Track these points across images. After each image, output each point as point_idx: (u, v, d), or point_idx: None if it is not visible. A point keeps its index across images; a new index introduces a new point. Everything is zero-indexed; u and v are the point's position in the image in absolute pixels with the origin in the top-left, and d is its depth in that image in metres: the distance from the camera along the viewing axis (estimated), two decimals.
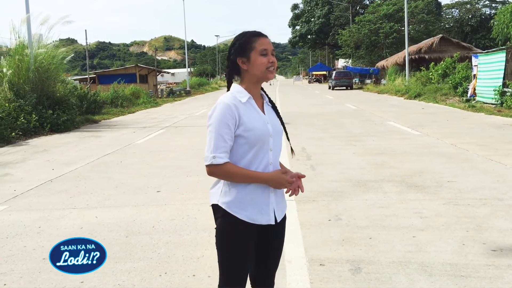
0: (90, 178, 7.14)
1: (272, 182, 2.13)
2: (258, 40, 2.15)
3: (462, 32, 53.04)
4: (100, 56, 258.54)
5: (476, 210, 4.81)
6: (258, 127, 2.12)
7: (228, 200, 2.15)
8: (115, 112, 21.09)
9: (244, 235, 2.16)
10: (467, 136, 10.06)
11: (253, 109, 2.17)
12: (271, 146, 2.16)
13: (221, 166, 2.08)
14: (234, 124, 2.09)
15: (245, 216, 2.13)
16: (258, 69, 2.14)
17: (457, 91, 20.79)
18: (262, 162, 2.14)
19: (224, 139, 2.07)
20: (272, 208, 2.17)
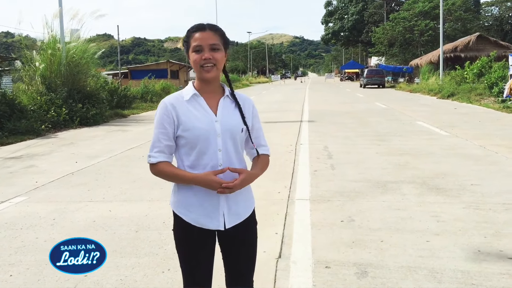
0: (111, 172, 7.23)
1: (199, 183, 1.99)
2: (193, 36, 2.02)
3: (502, 30, 51.34)
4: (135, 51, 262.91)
5: (497, 216, 4.60)
6: (198, 127, 2.01)
7: (175, 200, 2.11)
8: (145, 107, 21.36)
9: (192, 239, 2.07)
10: (498, 137, 9.70)
11: (197, 107, 2.05)
12: (220, 146, 2.02)
13: (154, 165, 2.05)
14: (172, 124, 2.03)
15: (190, 219, 2.06)
16: (193, 67, 2.04)
17: (492, 91, 20.09)
18: (208, 163, 2.02)
19: (159, 139, 2.04)
20: (221, 212, 2.06)
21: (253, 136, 2.15)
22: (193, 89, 2.08)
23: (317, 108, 18.84)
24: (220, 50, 2.02)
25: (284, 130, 11.87)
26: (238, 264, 2.18)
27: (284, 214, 4.82)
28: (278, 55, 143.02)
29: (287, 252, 3.80)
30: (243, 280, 2.20)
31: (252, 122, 2.15)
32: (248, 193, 2.17)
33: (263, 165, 2.17)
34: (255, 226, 2.21)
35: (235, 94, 2.14)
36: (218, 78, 2.09)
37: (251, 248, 2.19)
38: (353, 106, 19.59)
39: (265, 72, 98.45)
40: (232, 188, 1.99)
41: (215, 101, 2.08)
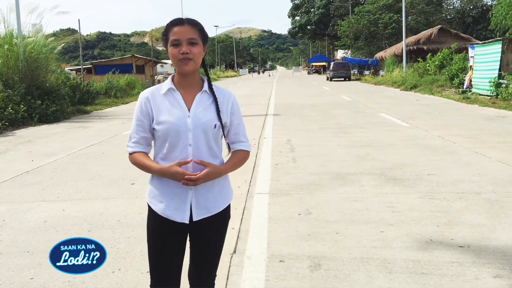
0: (67, 170, 7.03)
1: (165, 174, 2.02)
2: (172, 30, 2.02)
3: (464, 23, 52.53)
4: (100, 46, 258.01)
5: (450, 205, 4.69)
6: (168, 121, 2.02)
7: (148, 189, 2.15)
8: (109, 102, 20.95)
9: (161, 229, 2.09)
10: (457, 128, 9.92)
11: (172, 101, 2.06)
12: (190, 141, 2.02)
13: (130, 155, 2.13)
14: (147, 116, 2.07)
15: (158, 209, 2.08)
16: (172, 61, 2.03)
17: (453, 82, 20.59)
18: (178, 157, 2.02)
19: (135, 130, 2.10)
20: (189, 205, 2.05)
21: (231, 132, 2.15)
22: (170, 83, 2.08)
23: (283, 102, 18.88)
24: (198, 44, 2.01)
25: (248, 124, 11.68)
26: (202, 258, 2.18)
27: (242, 208, 4.79)
28: (246, 49, 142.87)
29: (242, 247, 3.76)
30: (205, 274, 2.21)
31: (231, 118, 2.14)
32: (222, 189, 2.14)
33: (237, 161, 2.16)
34: (226, 222, 2.21)
35: (215, 88, 2.12)
36: (196, 72, 2.08)
37: (218, 244, 2.20)
38: (319, 99, 19.72)
39: (233, 66, 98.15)
40: (195, 181, 1.97)
41: (192, 96, 2.07)
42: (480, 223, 4.14)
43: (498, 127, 9.89)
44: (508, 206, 4.57)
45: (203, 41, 2.05)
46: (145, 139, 2.10)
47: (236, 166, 2.16)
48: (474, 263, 3.33)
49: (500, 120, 11.04)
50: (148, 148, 2.14)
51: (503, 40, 16.95)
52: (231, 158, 2.16)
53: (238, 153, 2.17)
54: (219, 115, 2.08)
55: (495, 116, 11.81)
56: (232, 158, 2.15)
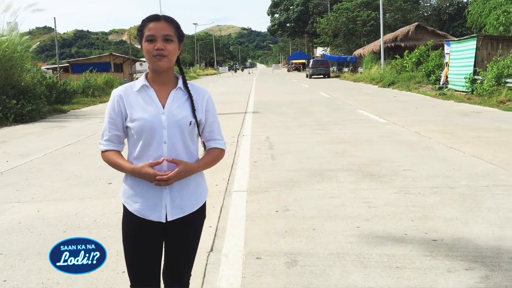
0: (43, 170, 6.92)
1: (136, 174, 2.01)
2: (147, 25, 1.99)
3: (440, 20, 53.30)
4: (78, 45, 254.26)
5: (425, 199, 4.77)
6: (143, 118, 1.99)
7: (122, 189, 2.13)
8: (86, 101, 20.67)
9: (137, 230, 2.07)
10: (433, 124, 10.07)
11: (146, 98, 2.04)
12: (165, 138, 2.00)
13: (103, 153, 2.11)
14: (120, 114, 2.05)
15: (134, 209, 2.07)
16: (146, 57, 2.01)
17: (430, 79, 20.89)
18: (152, 155, 2.00)
19: (107, 128, 2.08)
20: (164, 204, 2.04)
21: (206, 129, 2.13)
22: (144, 80, 2.06)
23: (263, 99, 18.90)
24: (173, 41, 1.99)
25: (227, 121, 11.79)
26: (176, 258, 2.16)
27: (220, 206, 4.79)
28: (226, 47, 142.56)
29: (219, 245, 3.76)
30: (179, 274, 2.20)
31: (206, 116, 2.11)
32: (197, 188, 2.12)
33: (211, 159, 2.13)
34: (201, 221, 2.19)
35: (190, 86, 2.10)
36: (171, 69, 2.06)
37: (192, 243, 2.18)
38: (298, 97, 19.80)
39: (213, 64, 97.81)
40: (167, 180, 1.95)
41: (167, 93, 2.04)
42: (453, 217, 4.22)
43: (473, 123, 10.07)
44: (481, 200, 4.66)
45: (178, 39, 2.03)
46: (118, 137, 2.09)
47: (210, 164, 2.14)
48: (447, 256, 3.39)
49: (475, 116, 11.25)
50: (121, 146, 2.13)
51: (478, 37, 17.27)
52: (205, 156, 2.14)
53: (213, 151, 2.15)
54: (194, 112, 2.06)
55: (470, 112, 12.03)
56: (206, 156, 2.13)
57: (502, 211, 4.31)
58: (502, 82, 14.45)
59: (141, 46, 2.03)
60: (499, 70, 14.58)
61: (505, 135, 8.39)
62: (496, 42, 17.03)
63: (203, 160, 2.11)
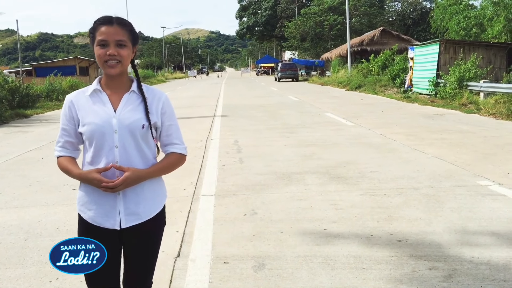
0: (4, 176, 6.71)
1: (84, 180, 1.99)
2: (99, 29, 1.94)
3: (404, 25, 54.51)
4: (42, 47, 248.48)
5: (390, 200, 4.85)
6: (93, 122, 1.96)
7: (78, 196, 2.08)
8: (50, 106, 20.16)
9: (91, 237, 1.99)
10: (398, 126, 10.28)
11: (97, 102, 1.99)
12: (116, 142, 1.96)
13: (57, 159, 2.08)
14: (72, 120, 2.03)
15: (88, 217, 2.03)
16: (98, 61, 1.96)
17: (395, 82, 21.32)
18: (104, 160, 1.96)
19: (60, 135, 2.06)
20: (118, 211, 2.00)
21: (163, 133, 2.08)
22: (96, 84, 2.01)
23: (231, 103, 18.88)
24: (126, 46, 1.94)
25: (196, 125, 11.74)
26: (135, 265, 2.11)
27: (188, 211, 4.73)
28: (195, 50, 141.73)
29: (187, 251, 3.72)
30: (140, 281, 2.14)
31: (162, 119, 2.06)
32: (154, 193, 2.07)
33: (168, 165, 2.08)
34: (160, 227, 2.14)
35: (145, 88, 2.06)
36: (124, 73, 2.01)
37: (152, 250, 2.12)
38: (267, 100, 19.87)
39: (181, 67, 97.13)
40: (113, 188, 1.91)
41: (120, 96, 2.00)
42: (417, 217, 4.30)
43: (436, 125, 10.33)
44: (444, 200, 4.78)
45: (132, 43, 1.99)
46: (70, 143, 2.06)
47: (166, 169, 2.09)
48: (411, 256, 3.45)
49: (438, 118, 11.54)
50: (76, 152, 2.09)
51: (441, 41, 17.73)
52: (161, 161, 2.09)
53: (170, 156, 2.10)
54: (148, 115, 2.01)
55: (433, 114, 12.33)
56: (162, 161, 2.08)
57: (464, 211, 4.43)
58: (464, 85, 14.88)
59: (93, 49, 1.98)
60: (461, 74, 15.01)
61: (467, 136, 8.64)
62: (458, 46, 17.54)
63: (157, 165, 2.06)
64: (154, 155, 2.09)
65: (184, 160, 2.16)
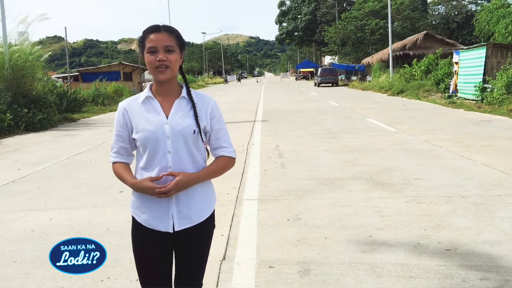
0: (55, 178, 6.98)
1: (137, 189, 2.05)
2: (148, 37, 2.00)
3: (448, 28, 53.21)
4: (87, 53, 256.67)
5: (437, 208, 4.74)
6: (146, 129, 2.02)
7: (131, 201, 2.15)
8: (96, 110, 20.83)
9: (145, 240, 2.09)
10: (443, 132, 10.03)
11: (150, 109, 2.06)
12: (169, 148, 2.02)
13: (112, 165, 2.16)
14: (126, 127, 2.10)
15: (142, 220, 2.09)
16: (148, 68, 2.03)
17: (439, 87, 20.82)
18: (157, 165, 2.03)
19: (115, 141, 2.14)
20: (171, 215, 2.05)
21: (212, 137, 2.13)
22: (148, 92, 2.08)
23: (271, 108, 18.94)
24: (175, 51, 2.00)
25: (237, 130, 11.82)
26: (187, 266, 2.16)
27: (231, 215, 4.79)
28: (234, 56, 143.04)
29: (232, 254, 3.76)
30: (191, 283, 2.19)
31: (211, 123, 2.11)
32: (205, 198, 2.13)
33: (217, 168, 2.12)
34: (210, 230, 2.20)
35: (194, 94, 2.11)
36: (173, 79, 2.07)
37: (203, 252, 2.18)
38: (307, 105, 19.81)
39: (221, 72, 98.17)
40: (166, 193, 1.97)
41: (171, 103, 2.06)
42: (466, 226, 4.19)
43: (484, 131, 10.02)
44: (494, 209, 4.63)
45: (180, 48, 2.04)
46: (125, 149, 2.13)
47: (216, 173, 2.13)
48: (461, 265, 3.37)
49: (485, 124, 11.19)
50: (130, 158, 2.16)
51: (487, 45, 17.20)
52: (210, 164, 2.13)
53: (220, 159, 2.14)
54: (198, 120, 2.06)
55: (480, 120, 11.97)
56: (212, 165, 2.13)
57: None
58: None
59: (143, 57, 2.05)
60: (509, 79, 14.50)
61: None
62: (506, 51, 16.96)
63: (207, 169, 2.11)
64: (204, 159, 2.15)
65: (233, 163, 2.20)
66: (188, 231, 2.09)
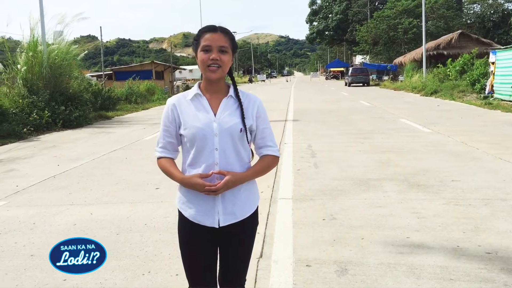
0: (93, 174, 7.16)
1: (186, 184, 2.10)
2: (204, 36, 2.06)
3: (484, 28, 51.87)
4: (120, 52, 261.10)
5: (476, 211, 4.66)
6: (194, 125, 2.07)
7: (178, 196, 2.20)
8: (129, 108, 21.23)
9: (192, 234, 2.14)
10: (479, 134, 9.81)
11: (198, 106, 2.11)
12: (217, 145, 2.06)
13: (158, 160, 2.21)
14: (174, 122, 2.14)
15: (189, 215, 2.14)
16: (200, 66, 2.08)
17: (474, 88, 20.35)
18: (204, 161, 2.07)
19: (162, 136, 2.19)
20: (216, 210, 2.10)
21: (258, 136, 2.17)
22: (197, 89, 2.13)
23: (302, 107, 18.89)
24: (227, 53, 2.05)
25: None
26: (231, 263, 2.21)
27: (267, 213, 4.83)
28: (264, 55, 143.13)
29: (268, 252, 3.80)
30: (235, 278, 2.24)
31: (257, 122, 2.15)
32: (249, 195, 2.17)
33: (262, 167, 2.17)
34: (254, 227, 2.24)
35: (241, 93, 2.16)
36: (223, 79, 2.12)
37: (246, 248, 2.23)
38: (338, 105, 19.68)
39: (251, 72, 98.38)
40: (215, 191, 2.02)
41: (218, 101, 2.11)
42: (507, 229, 4.11)
43: None
44: None
45: (232, 50, 2.09)
46: (171, 144, 2.18)
47: (261, 172, 2.17)
48: (502, 269, 3.31)
49: None
50: (175, 153, 2.22)
51: None
52: (256, 164, 2.17)
53: (265, 158, 2.18)
54: (244, 119, 2.11)
55: None
56: (257, 164, 2.17)
57: None
58: None
59: (195, 55, 2.10)
60: None
61: None
62: None
63: (253, 168, 2.15)
64: (249, 157, 2.19)
65: (277, 162, 2.24)
66: (233, 227, 2.13)
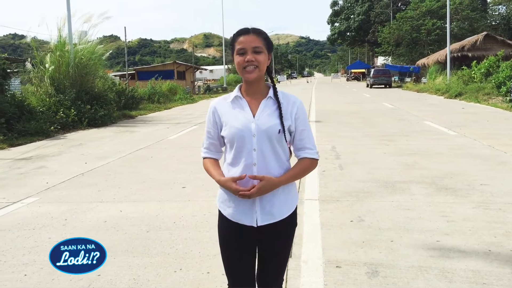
0: (120, 172, 7.28)
1: (221, 185, 2.17)
2: (238, 39, 2.10)
3: (509, 29, 50.86)
4: (141, 52, 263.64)
5: (507, 215, 4.60)
6: (234, 126, 2.11)
7: (218, 193, 2.25)
8: (152, 108, 21.45)
9: (231, 233, 2.18)
10: (506, 137, 9.66)
11: (238, 107, 2.15)
12: (255, 146, 2.09)
13: (203, 160, 2.30)
14: (215, 124, 2.20)
15: (227, 213, 2.18)
16: (238, 69, 2.12)
17: (500, 90, 19.96)
18: (243, 161, 2.11)
19: (206, 137, 2.27)
20: (255, 210, 2.13)
21: (296, 137, 2.17)
22: (237, 91, 2.18)
23: (324, 108, 18.83)
24: (262, 52, 2.08)
25: None
26: (269, 263, 2.23)
27: None
28: (284, 56, 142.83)
29: (298, 252, 3.82)
30: (272, 278, 2.27)
31: (296, 124, 2.15)
32: (287, 196, 2.18)
33: (300, 171, 2.17)
34: (292, 228, 2.23)
35: (281, 94, 2.18)
36: (261, 79, 2.15)
37: (284, 249, 2.23)
38: (360, 106, 19.56)
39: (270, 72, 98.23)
40: (249, 196, 2.05)
41: (258, 102, 2.14)
42: None
43: None
44: None
45: (268, 50, 2.11)
46: (214, 145, 2.25)
47: (299, 175, 2.17)
48: None
49: None
50: (218, 154, 2.28)
51: None
52: (293, 167, 2.17)
53: (303, 161, 2.17)
54: (282, 120, 2.11)
55: None
56: (295, 168, 2.17)
57: None
58: None
59: (233, 59, 2.15)
60: None
61: None
62: None
63: (290, 172, 2.15)
64: (287, 158, 2.20)
65: (316, 165, 2.23)
66: (271, 227, 2.15)
